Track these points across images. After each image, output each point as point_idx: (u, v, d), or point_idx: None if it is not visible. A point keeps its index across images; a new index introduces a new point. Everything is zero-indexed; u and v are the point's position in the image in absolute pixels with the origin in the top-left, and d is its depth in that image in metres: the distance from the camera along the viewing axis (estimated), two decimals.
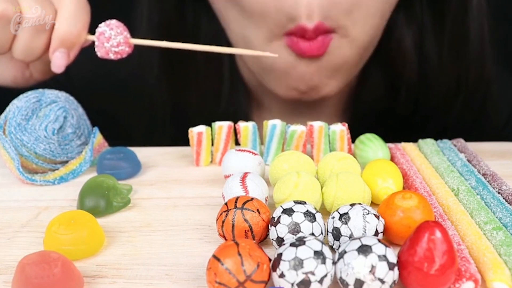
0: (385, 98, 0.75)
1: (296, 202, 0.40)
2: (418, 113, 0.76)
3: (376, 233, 0.39)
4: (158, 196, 0.50)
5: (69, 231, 0.40)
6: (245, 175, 0.45)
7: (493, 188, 0.47)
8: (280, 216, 0.39)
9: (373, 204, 0.46)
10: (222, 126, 0.57)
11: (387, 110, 0.76)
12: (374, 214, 0.39)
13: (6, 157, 0.53)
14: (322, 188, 0.45)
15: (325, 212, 0.45)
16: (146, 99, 0.79)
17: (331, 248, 0.40)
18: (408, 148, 0.56)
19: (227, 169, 0.50)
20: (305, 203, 0.40)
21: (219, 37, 0.71)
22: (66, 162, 0.56)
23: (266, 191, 0.46)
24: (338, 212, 0.40)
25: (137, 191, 0.51)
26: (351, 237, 0.38)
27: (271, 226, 0.40)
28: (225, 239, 0.41)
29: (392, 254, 0.34)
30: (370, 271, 0.33)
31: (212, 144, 0.58)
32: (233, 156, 0.50)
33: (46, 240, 0.41)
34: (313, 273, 0.33)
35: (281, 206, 0.40)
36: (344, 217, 0.39)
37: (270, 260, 0.35)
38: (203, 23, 0.73)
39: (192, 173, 0.56)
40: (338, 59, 0.64)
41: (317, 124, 0.55)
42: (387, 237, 0.40)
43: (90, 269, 0.39)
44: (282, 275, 0.34)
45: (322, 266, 0.33)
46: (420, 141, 0.58)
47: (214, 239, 0.43)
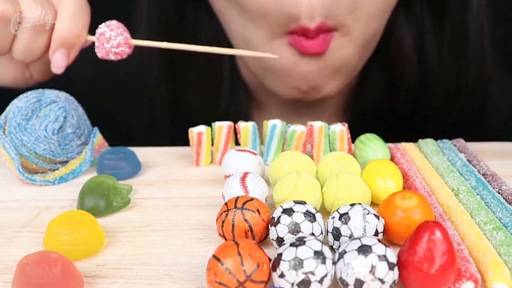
0: (385, 98, 0.75)
1: (296, 202, 0.40)
2: (418, 113, 0.76)
3: (376, 233, 0.39)
4: (158, 196, 0.50)
5: (69, 231, 0.40)
6: (245, 175, 0.45)
7: (493, 188, 0.47)
8: (280, 216, 0.39)
9: (373, 204, 0.46)
10: (222, 126, 0.57)
11: (387, 110, 0.76)
12: (374, 214, 0.39)
13: (6, 157, 0.53)
14: (322, 188, 0.45)
15: (325, 212, 0.45)
16: (146, 99, 0.79)
17: (331, 248, 0.40)
18: (408, 148, 0.56)
19: (227, 169, 0.50)
20: (305, 203, 0.40)
21: (219, 37, 0.71)
22: (66, 162, 0.56)
23: (266, 191, 0.46)
24: (338, 212, 0.40)
25: (137, 191, 0.51)
26: (351, 237, 0.38)
27: (271, 226, 0.40)
28: (225, 239, 0.41)
29: (392, 254, 0.34)
30: (370, 271, 0.33)
31: (212, 144, 0.58)
32: (233, 156, 0.50)
33: (46, 240, 0.41)
34: (313, 273, 0.33)
35: (281, 206, 0.40)
36: (344, 217, 0.39)
37: (270, 260, 0.35)
38: (203, 23, 0.73)
39: (192, 173, 0.56)
40: (339, 58, 0.64)
41: (317, 124, 0.55)
42: (387, 237, 0.40)
43: (90, 269, 0.39)
44: (282, 275, 0.34)
45: (322, 266, 0.33)
46: (420, 141, 0.58)
47: (214, 239, 0.43)
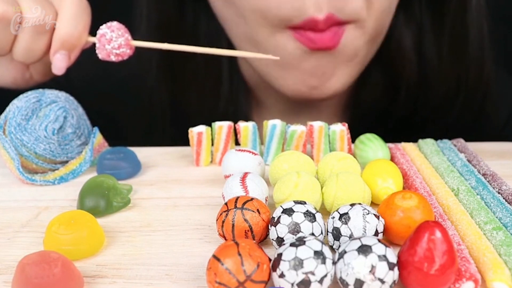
0: (385, 98, 0.75)
1: (296, 202, 0.40)
2: (418, 113, 0.76)
3: (376, 233, 0.39)
4: (158, 196, 0.50)
5: (69, 231, 0.40)
6: (245, 175, 0.45)
7: (493, 188, 0.47)
8: (280, 216, 0.39)
9: (373, 204, 0.46)
10: (222, 126, 0.57)
11: (387, 110, 0.76)
12: (374, 214, 0.39)
13: (6, 157, 0.53)
14: (322, 188, 0.45)
15: (325, 212, 0.45)
16: (146, 99, 0.79)
17: (331, 248, 0.40)
18: (408, 148, 0.56)
19: (227, 169, 0.50)
20: (305, 203, 0.40)
21: (219, 37, 0.71)
22: (66, 162, 0.56)
23: (266, 191, 0.46)
24: (338, 212, 0.40)
25: (137, 191, 0.51)
26: (351, 237, 0.38)
27: (271, 226, 0.40)
28: (225, 239, 0.41)
29: (392, 254, 0.34)
30: (370, 271, 0.33)
31: (212, 144, 0.58)
32: (233, 156, 0.50)
33: (46, 240, 0.41)
34: (313, 273, 0.33)
35: (281, 206, 0.40)
36: (344, 217, 0.39)
37: (270, 260, 0.35)
38: (202, 23, 0.73)
39: (192, 173, 0.56)
40: (350, 50, 0.63)
41: (317, 124, 0.54)
42: (387, 237, 0.40)
43: (90, 269, 0.39)
44: (282, 275, 0.34)
45: (322, 266, 0.33)
46: (420, 141, 0.58)
47: (214, 239, 0.43)
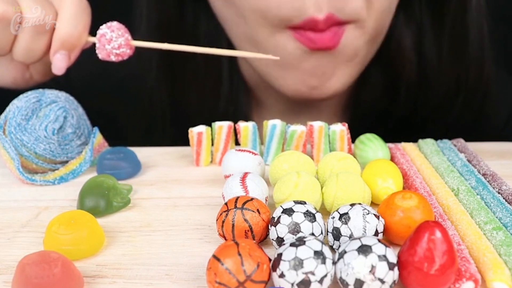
0: (385, 98, 0.75)
1: (296, 202, 0.40)
2: (418, 113, 0.76)
3: (376, 233, 0.39)
4: (158, 196, 0.50)
5: (69, 231, 0.40)
6: (245, 175, 0.45)
7: (493, 188, 0.47)
8: (280, 216, 0.39)
9: (373, 204, 0.46)
10: (222, 126, 0.57)
11: (387, 110, 0.76)
12: (374, 214, 0.39)
13: (6, 157, 0.53)
14: (322, 188, 0.45)
15: (325, 212, 0.45)
16: (146, 99, 0.79)
17: (331, 248, 0.40)
18: (408, 148, 0.56)
19: (227, 169, 0.50)
20: (305, 203, 0.40)
21: (219, 37, 0.71)
22: (66, 162, 0.56)
23: (266, 191, 0.46)
24: (338, 212, 0.40)
25: (137, 191, 0.51)
26: (351, 237, 0.38)
27: (271, 226, 0.40)
28: (225, 239, 0.41)
29: (392, 254, 0.34)
30: (370, 271, 0.33)
31: (212, 144, 0.58)
32: (233, 156, 0.50)
33: (46, 240, 0.41)
34: (313, 273, 0.33)
35: (281, 206, 0.40)
36: (344, 217, 0.39)
37: (270, 260, 0.35)
38: (202, 23, 0.73)
39: (192, 173, 0.56)
40: (350, 50, 0.62)
41: (317, 124, 0.54)
42: (387, 237, 0.40)
43: (90, 269, 0.39)
44: (282, 275, 0.34)
45: (322, 266, 0.33)
46: (420, 141, 0.58)
47: (214, 239, 0.43)
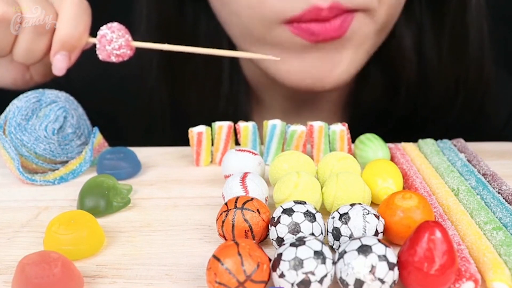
0: (385, 98, 0.75)
1: (296, 202, 0.40)
2: (418, 113, 0.76)
3: (376, 233, 0.39)
4: (158, 196, 0.50)
5: (69, 231, 0.40)
6: (245, 175, 0.45)
7: (493, 188, 0.47)
8: (280, 216, 0.39)
9: (373, 204, 0.46)
10: (222, 126, 0.56)
11: (387, 110, 0.76)
12: (374, 214, 0.39)
13: (6, 157, 0.53)
14: (322, 188, 0.45)
15: (325, 212, 0.45)
16: (146, 99, 0.79)
17: (331, 248, 0.40)
18: (408, 148, 0.56)
19: (227, 169, 0.50)
20: (305, 203, 0.40)
21: (219, 37, 0.71)
22: (66, 162, 0.56)
23: (266, 191, 0.46)
24: (338, 212, 0.40)
25: (137, 191, 0.51)
26: (351, 237, 0.38)
27: (271, 226, 0.40)
28: (225, 239, 0.41)
29: (392, 254, 0.34)
30: (370, 271, 0.33)
31: (212, 144, 0.58)
32: (233, 156, 0.50)
33: (46, 240, 0.41)
34: (313, 273, 0.33)
35: (281, 206, 0.40)
36: (344, 217, 0.39)
37: (270, 260, 0.35)
38: (202, 22, 0.73)
39: (192, 173, 0.56)
40: (359, 37, 0.61)
41: (317, 124, 0.54)
42: (387, 237, 0.40)
43: (90, 269, 0.39)
44: (282, 275, 0.34)
45: (322, 266, 0.33)
46: (420, 141, 0.58)
47: (214, 239, 0.43)
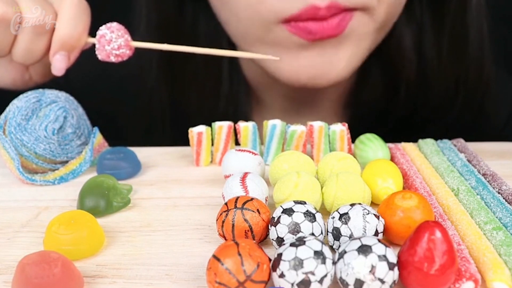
0: (385, 98, 0.75)
1: (296, 202, 0.40)
2: (417, 113, 0.76)
3: (376, 233, 0.39)
4: (158, 196, 0.50)
5: (69, 231, 0.40)
6: (245, 175, 0.45)
7: (493, 188, 0.47)
8: (280, 216, 0.39)
9: (373, 204, 0.46)
10: (222, 126, 0.56)
11: (387, 110, 0.76)
12: (374, 214, 0.39)
13: (6, 157, 0.53)
14: (322, 188, 0.45)
15: (325, 212, 0.45)
16: (145, 99, 0.79)
17: (331, 248, 0.40)
18: (408, 148, 0.56)
19: (227, 169, 0.50)
20: (305, 203, 0.40)
21: (219, 37, 0.71)
22: (66, 162, 0.56)
23: (266, 191, 0.46)
24: (338, 212, 0.40)
25: (137, 191, 0.51)
26: (351, 237, 0.38)
27: (271, 226, 0.40)
28: (225, 239, 0.41)
29: (392, 254, 0.34)
30: (370, 271, 0.33)
31: (212, 144, 0.58)
32: (233, 156, 0.50)
33: (46, 240, 0.41)
34: (313, 273, 0.33)
35: (281, 206, 0.40)
36: (344, 217, 0.39)
37: (270, 260, 0.35)
38: (202, 22, 0.73)
39: (192, 173, 0.56)
40: (357, 35, 0.61)
41: (317, 124, 0.54)
42: (387, 237, 0.40)
43: (90, 269, 0.39)
44: (282, 275, 0.34)
45: (322, 266, 0.33)
46: (420, 141, 0.58)
47: (214, 239, 0.43)
